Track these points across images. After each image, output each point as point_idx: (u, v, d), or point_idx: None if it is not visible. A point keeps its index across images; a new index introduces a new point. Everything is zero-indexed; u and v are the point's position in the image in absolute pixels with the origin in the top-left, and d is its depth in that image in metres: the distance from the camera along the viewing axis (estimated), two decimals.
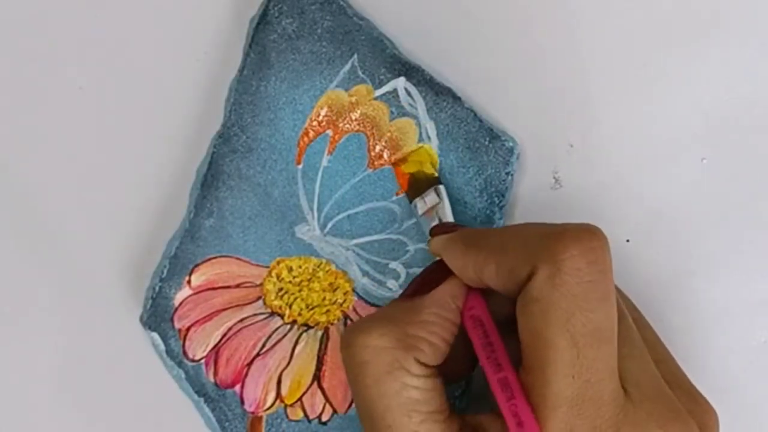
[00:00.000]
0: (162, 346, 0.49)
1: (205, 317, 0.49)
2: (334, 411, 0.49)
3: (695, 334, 0.51)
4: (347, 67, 0.49)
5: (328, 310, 0.49)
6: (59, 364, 0.51)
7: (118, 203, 0.51)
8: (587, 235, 0.39)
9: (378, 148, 0.49)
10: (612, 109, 0.51)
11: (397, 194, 0.49)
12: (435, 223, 0.48)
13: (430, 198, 0.48)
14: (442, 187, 0.48)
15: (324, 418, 0.49)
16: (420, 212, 0.48)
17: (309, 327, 0.49)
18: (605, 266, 0.39)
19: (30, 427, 0.51)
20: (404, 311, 0.42)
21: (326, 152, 0.49)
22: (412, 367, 0.40)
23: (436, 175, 0.49)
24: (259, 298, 0.49)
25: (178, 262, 0.49)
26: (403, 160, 0.49)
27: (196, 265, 0.49)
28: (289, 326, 0.49)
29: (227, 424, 0.49)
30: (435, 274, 0.44)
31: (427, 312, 0.42)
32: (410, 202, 0.49)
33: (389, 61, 0.49)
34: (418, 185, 0.49)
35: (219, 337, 0.49)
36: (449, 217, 0.48)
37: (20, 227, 0.51)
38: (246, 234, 0.49)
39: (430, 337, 0.41)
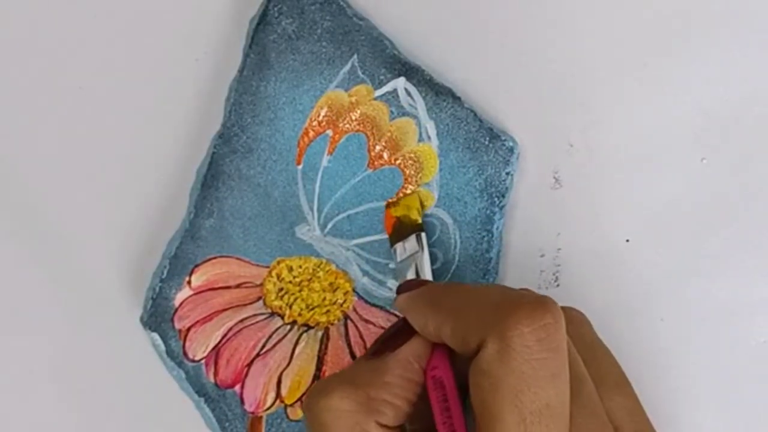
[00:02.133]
0: (162, 347, 0.49)
1: (205, 317, 0.49)
2: None
3: (695, 334, 0.51)
4: (347, 67, 0.49)
5: (328, 310, 0.49)
6: (59, 365, 0.51)
7: (119, 203, 0.51)
8: (540, 312, 0.38)
9: (378, 148, 0.49)
10: (612, 109, 0.51)
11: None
12: (411, 272, 0.48)
13: (410, 245, 0.48)
14: (424, 236, 0.48)
15: None
16: (398, 258, 0.48)
17: (309, 327, 0.49)
18: (557, 344, 0.38)
19: (30, 427, 0.51)
20: (367, 372, 0.42)
21: (326, 152, 0.49)
22: (374, 430, 0.40)
23: (420, 222, 0.49)
24: (259, 298, 0.49)
25: (178, 263, 0.49)
26: (395, 203, 0.49)
27: (197, 266, 0.49)
28: (289, 326, 0.49)
29: (227, 424, 0.49)
30: (401, 332, 0.43)
31: (391, 374, 0.41)
32: (391, 246, 0.49)
33: (389, 62, 0.49)
34: (401, 230, 0.49)
35: (219, 338, 0.49)
36: (427, 269, 0.48)
37: (20, 227, 0.51)
38: (246, 234, 0.49)
39: (393, 399, 0.41)
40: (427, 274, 0.48)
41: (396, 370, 0.41)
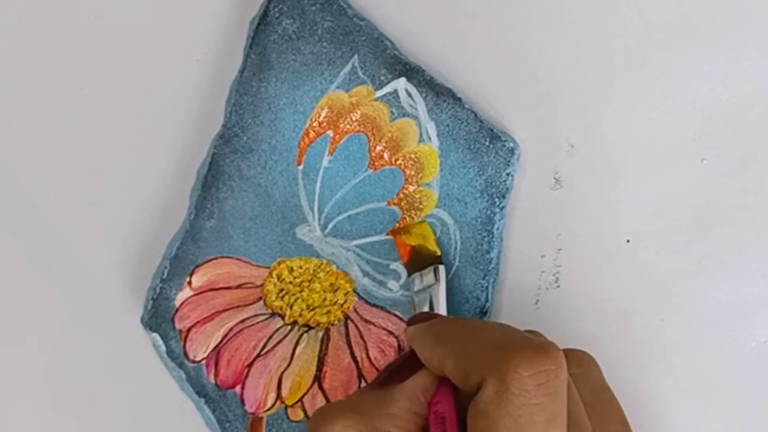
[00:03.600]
0: (163, 347, 0.49)
1: (205, 318, 0.49)
2: None
3: (695, 334, 0.51)
4: (348, 67, 0.49)
5: (328, 311, 0.49)
6: (60, 365, 0.51)
7: (119, 204, 0.51)
8: (541, 357, 0.38)
9: (378, 148, 0.49)
10: (612, 109, 0.51)
11: (399, 260, 0.49)
12: (426, 304, 0.47)
13: (427, 277, 0.48)
14: (442, 268, 0.48)
15: None
16: (415, 288, 0.48)
17: (310, 328, 0.49)
18: (556, 389, 0.38)
19: (31, 427, 0.51)
20: (373, 402, 0.41)
21: (327, 153, 0.49)
22: None
23: (439, 253, 0.49)
24: (259, 298, 0.49)
25: (178, 263, 0.49)
26: (405, 230, 0.49)
27: (197, 266, 0.49)
28: (289, 327, 0.49)
29: (228, 425, 0.49)
30: (409, 363, 0.43)
31: (397, 405, 0.41)
32: (408, 275, 0.49)
33: (390, 62, 0.49)
34: (419, 260, 0.49)
35: (220, 338, 0.49)
36: (442, 302, 0.47)
37: (20, 228, 0.51)
38: (247, 235, 0.49)
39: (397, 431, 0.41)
40: (442, 308, 0.47)
41: (402, 402, 0.41)
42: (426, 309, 0.48)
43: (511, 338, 0.39)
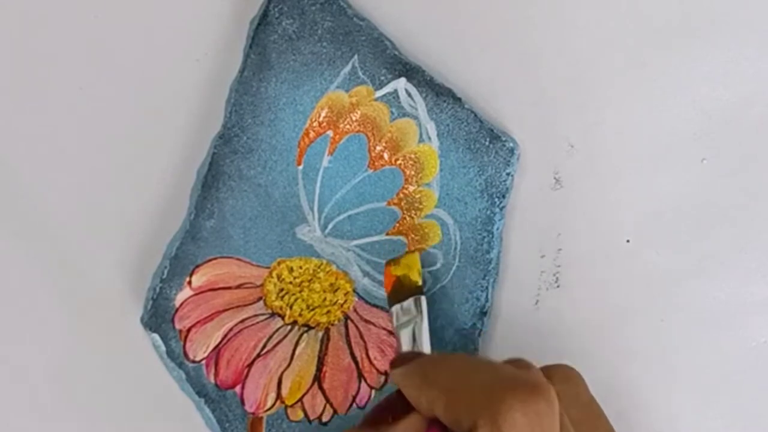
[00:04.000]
0: (163, 347, 0.49)
1: (205, 318, 0.49)
2: (335, 412, 0.49)
3: (695, 334, 0.51)
4: (348, 68, 0.49)
5: (328, 311, 0.49)
6: (60, 365, 0.51)
7: (119, 204, 0.51)
8: (533, 398, 0.37)
9: (378, 148, 0.49)
10: (612, 110, 0.51)
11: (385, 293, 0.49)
12: (408, 338, 0.46)
13: (407, 306, 0.47)
14: (423, 300, 0.47)
15: (324, 419, 0.49)
16: (396, 322, 0.47)
17: (310, 328, 0.49)
18: (549, 425, 0.38)
19: (31, 427, 0.51)
20: None
21: (327, 153, 0.49)
22: None
23: (420, 284, 0.48)
24: (259, 298, 0.49)
25: (178, 263, 0.49)
26: (396, 261, 0.49)
27: (197, 266, 0.49)
28: (289, 327, 0.49)
29: (228, 424, 0.49)
30: (399, 403, 0.42)
31: None
32: (389, 307, 0.48)
33: (390, 62, 0.49)
34: (400, 291, 0.48)
35: (220, 338, 0.49)
36: (425, 337, 0.46)
37: (20, 228, 0.51)
38: (247, 235, 0.49)
39: None
40: (425, 343, 0.46)
41: None
42: (407, 344, 0.46)
43: (502, 378, 0.39)
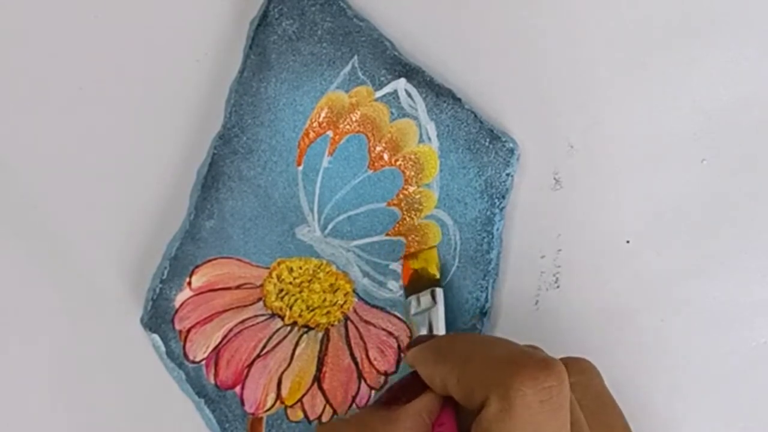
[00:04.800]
0: (162, 348, 0.49)
1: (205, 319, 0.49)
2: (335, 412, 0.49)
3: (695, 334, 0.51)
4: (347, 68, 0.49)
5: (328, 312, 0.49)
6: (60, 366, 0.51)
7: (119, 204, 0.51)
8: (544, 374, 0.38)
9: (378, 149, 0.49)
10: (612, 110, 0.51)
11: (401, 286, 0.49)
12: (425, 327, 0.47)
13: (425, 299, 0.48)
14: (440, 291, 0.48)
15: (324, 419, 0.49)
16: (412, 311, 0.48)
17: (309, 328, 0.49)
18: (559, 404, 0.38)
19: (31, 427, 0.51)
20: (377, 421, 0.42)
21: (327, 153, 0.49)
22: None
23: (438, 277, 0.49)
24: (259, 299, 0.49)
25: (178, 264, 0.49)
26: (414, 255, 0.49)
27: (197, 267, 0.49)
28: (289, 327, 0.49)
29: (227, 425, 0.49)
30: (413, 383, 0.43)
31: (402, 426, 0.41)
32: (406, 297, 0.49)
33: (389, 63, 0.49)
34: (417, 283, 0.49)
35: (219, 339, 0.49)
36: (441, 325, 0.47)
37: (20, 229, 0.51)
38: (246, 235, 0.49)
39: None
40: (441, 331, 0.47)
41: (407, 423, 0.41)
42: (424, 332, 0.48)
43: (514, 355, 0.39)
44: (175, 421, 0.51)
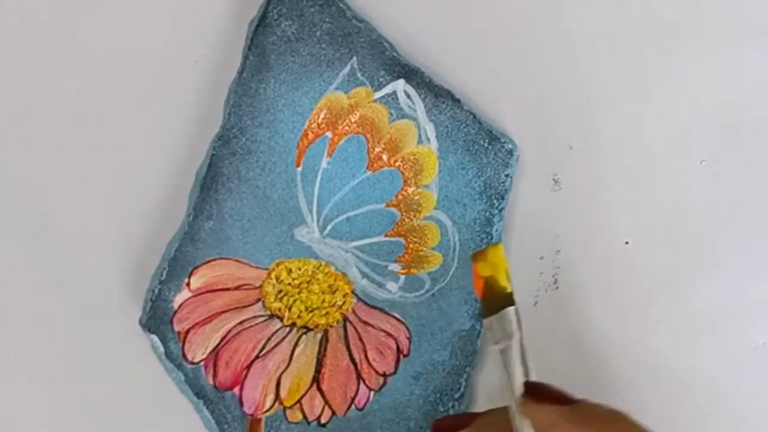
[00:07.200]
0: (161, 349, 0.49)
1: (204, 319, 0.49)
2: (333, 413, 0.49)
3: (695, 334, 0.51)
4: (346, 69, 0.49)
5: (327, 313, 0.49)
6: (59, 366, 0.51)
7: (118, 205, 0.51)
8: None
9: (377, 150, 0.49)
10: (612, 111, 0.51)
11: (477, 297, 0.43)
12: (515, 359, 0.41)
13: (505, 318, 0.41)
14: (514, 311, 0.42)
15: (323, 420, 0.49)
16: (489, 342, 0.42)
17: (308, 329, 0.49)
18: None
19: (31, 427, 0.52)
20: None
21: (326, 154, 0.49)
22: None
23: (510, 290, 0.42)
24: (258, 300, 0.49)
25: (177, 265, 0.49)
26: (483, 256, 0.42)
27: (196, 268, 0.49)
28: (288, 328, 0.49)
29: (226, 426, 0.49)
30: None
31: None
32: (483, 317, 0.42)
33: (388, 64, 0.49)
34: (491, 299, 0.42)
35: (218, 340, 0.49)
36: (515, 360, 0.41)
37: (20, 229, 0.51)
38: (245, 236, 0.49)
39: None
40: (531, 367, 0.41)
41: None
42: (517, 365, 0.41)
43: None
44: (173, 422, 0.51)
